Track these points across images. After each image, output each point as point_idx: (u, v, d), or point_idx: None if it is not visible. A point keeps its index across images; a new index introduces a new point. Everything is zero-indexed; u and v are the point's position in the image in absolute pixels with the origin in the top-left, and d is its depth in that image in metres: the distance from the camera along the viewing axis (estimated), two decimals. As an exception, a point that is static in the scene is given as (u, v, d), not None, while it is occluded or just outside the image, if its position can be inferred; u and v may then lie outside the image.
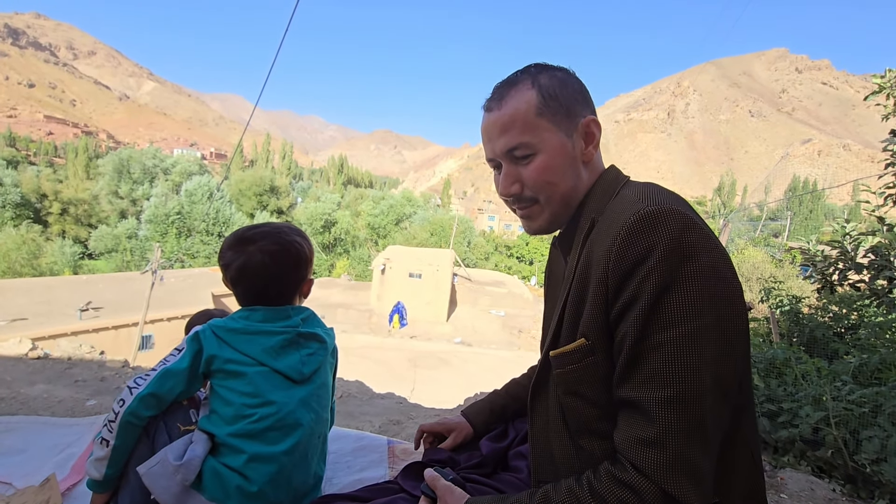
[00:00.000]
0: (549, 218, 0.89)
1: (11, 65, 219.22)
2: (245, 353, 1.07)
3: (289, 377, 1.10)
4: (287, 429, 1.08)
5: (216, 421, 1.07)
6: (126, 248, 36.91)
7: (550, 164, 0.85)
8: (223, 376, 1.07)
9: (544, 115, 0.84)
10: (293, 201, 51.74)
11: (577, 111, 0.86)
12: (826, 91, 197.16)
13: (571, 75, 0.89)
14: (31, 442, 1.53)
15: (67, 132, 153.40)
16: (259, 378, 1.07)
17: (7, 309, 15.37)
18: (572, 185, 0.87)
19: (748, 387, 0.77)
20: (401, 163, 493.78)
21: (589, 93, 0.90)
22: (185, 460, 1.00)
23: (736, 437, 0.75)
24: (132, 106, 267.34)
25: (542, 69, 0.88)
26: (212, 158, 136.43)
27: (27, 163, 71.03)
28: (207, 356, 1.06)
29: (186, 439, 1.05)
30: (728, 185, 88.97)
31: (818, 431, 2.41)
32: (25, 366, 4.26)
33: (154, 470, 1.00)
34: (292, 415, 1.09)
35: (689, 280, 0.66)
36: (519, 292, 29.44)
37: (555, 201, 0.87)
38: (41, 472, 1.31)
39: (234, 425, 1.04)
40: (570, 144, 0.86)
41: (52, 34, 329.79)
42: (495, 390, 1.35)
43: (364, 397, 4.53)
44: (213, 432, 1.06)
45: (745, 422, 0.77)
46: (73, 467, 1.36)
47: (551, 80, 0.86)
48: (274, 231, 1.17)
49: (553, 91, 0.85)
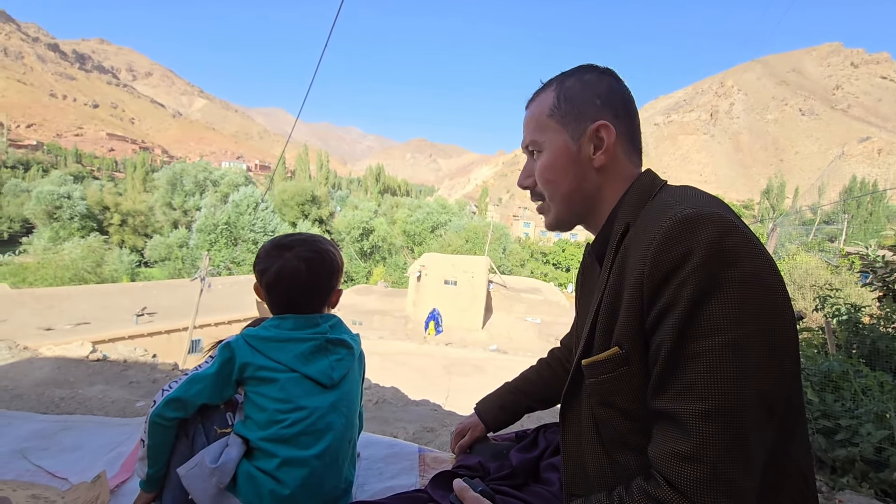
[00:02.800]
0: (554, 216, 0.91)
1: (79, 87, 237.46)
2: (277, 360, 1.10)
3: (319, 382, 1.12)
4: (318, 433, 1.10)
5: (250, 426, 1.10)
6: (178, 257, 38.93)
7: (552, 164, 0.87)
8: (256, 383, 1.10)
9: (554, 116, 0.87)
10: (332, 210, 53.11)
11: (589, 115, 0.84)
12: (886, 86, 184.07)
13: (604, 79, 0.87)
14: (86, 440, 1.63)
15: (127, 148, 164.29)
16: (290, 384, 1.09)
17: (72, 314, 16.50)
18: (575, 186, 0.87)
19: (798, 402, 0.71)
20: (436, 171, 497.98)
21: (622, 98, 0.87)
22: (220, 463, 1.03)
23: (784, 457, 0.70)
24: (184, 122, 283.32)
25: (576, 72, 0.89)
26: (256, 170, 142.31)
27: (91, 178, 76.61)
28: (241, 364, 1.10)
29: (222, 443, 1.09)
30: (777, 188, 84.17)
31: (881, 451, 2.24)
32: (86, 367, 4.56)
33: (192, 472, 1.04)
34: (323, 419, 1.11)
35: (730, 286, 0.63)
36: (555, 299, 28.95)
37: (556, 200, 0.89)
38: (94, 469, 1.40)
39: (268, 430, 1.07)
40: (575, 147, 0.85)
41: (113, 58, 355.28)
42: (506, 385, 1.34)
43: (399, 404, 4.56)
44: (248, 436, 1.09)
45: (795, 440, 0.71)
46: (123, 465, 1.43)
47: (575, 83, 0.87)
48: (310, 239, 1.22)
49: (569, 94, 0.86)
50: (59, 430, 1.66)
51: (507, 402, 1.29)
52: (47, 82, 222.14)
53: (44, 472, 1.40)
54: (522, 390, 1.30)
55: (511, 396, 1.30)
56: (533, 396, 1.30)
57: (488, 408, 1.31)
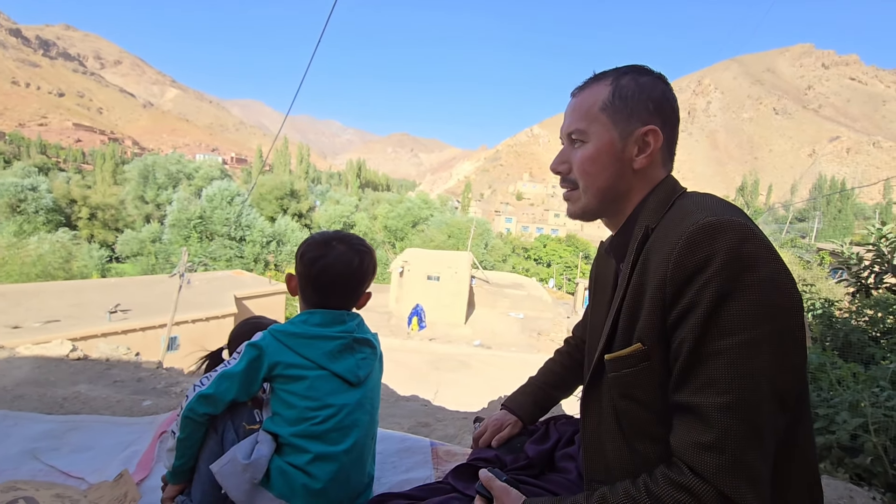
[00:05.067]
0: (583, 206, 0.94)
1: (42, 75, 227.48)
2: (306, 356, 1.12)
3: (346, 380, 1.15)
4: (346, 429, 1.14)
5: (279, 422, 1.12)
6: (151, 252, 37.85)
7: (594, 156, 0.89)
8: (285, 381, 1.12)
9: (606, 110, 0.89)
10: (312, 205, 52.38)
11: (640, 117, 0.87)
12: (855, 87, 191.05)
13: (658, 85, 0.90)
14: (97, 440, 1.62)
15: (95, 139, 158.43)
16: (319, 382, 1.12)
17: (41, 311, 15.90)
18: (611, 184, 0.90)
19: (805, 398, 0.78)
20: (417, 165, 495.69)
21: (672, 106, 0.90)
22: (253, 459, 1.06)
23: (793, 449, 0.76)
24: (156, 113, 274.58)
25: (631, 71, 0.91)
26: (232, 163, 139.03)
27: (57, 169, 73.54)
28: (271, 362, 1.11)
29: (252, 439, 1.11)
30: (751, 185, 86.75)
31: (856, 438, 2.37)
32: (67, 366, 4.44)
33: (225, 468, 1.06)
34: (350, 416, 1.15)
35: (749, 289, 0.68)
36: (537, 294, 29.26)
37: (590, 192, 0.91)
38: (110, 468, 1.39)
39: (298, 426, 1.10)
40: (620, 145, 0.88)
41: (80, 44, 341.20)
42: (533, 380, 1.38)
43: (390, 399, 4.57)
44: (278, 433, 1.11)
45: (802, 433, 0.77)
46: (139, 464, 1.43)
47: (631, 82, 0.89)
48: (356, 236, 1.25)
49: (625, 93, 0.88)
50: (67, 431, 1.64)
51: (540, 398, 1.34)
52: (9, 69, 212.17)
53: (58, 471, 1.38)
54: (551, 384, 1.35)
55: (542, 392, 1.34)
56: (560, 388, 1.36)
57: (522, 404, 1.34)
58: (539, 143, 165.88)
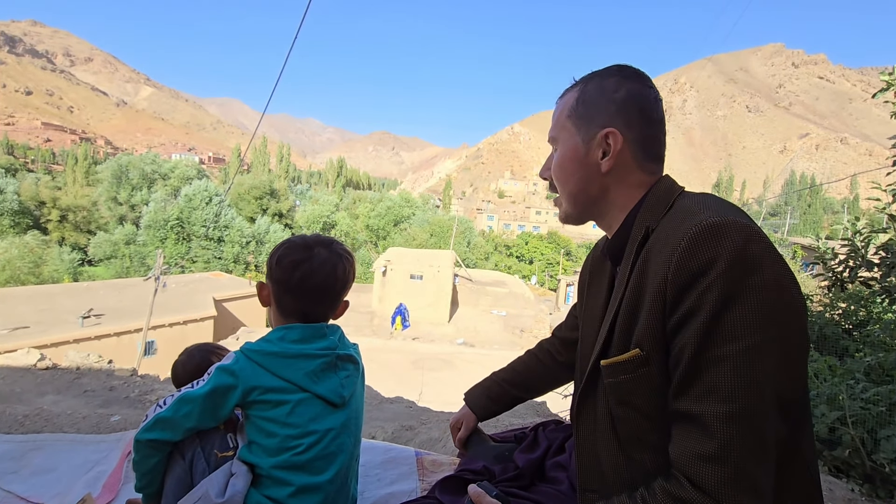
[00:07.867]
0: (564, 210, 0.95)
1: (8, 72, 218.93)
2: (286, 378, 1.02)
3: (330, 401, 1.06)
4: (330, 456, 1.05)
5: (258, 452, 1.02)
6: (125, 254, 36.83)
7: (561, 163, 0.91)
8: (263, 406, 1.01)
9: (571, 117, 0.90)
10: (292, 204, 51.68)
11: (600, 121, 0.85)
12: (823, 85, 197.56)
13: (624, 84, 0.86)
14: (60, 460, 1.51)
15: (65, 139, 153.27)
16: (301, 406, 1.02)
17: (9, 317, 15.32)
18: (581, 188, 0.89)
19: (806, 402, 0.75)
20: (399, 164, 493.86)
21: (639, 106, 0.86)
22: (228, 497, 0.96)
23: (794, 453, 0.73)
24: (130, 112, 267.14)
25: (598, 75, 0.89)
26: (210, 163, 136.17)
27: (25, 170, 70.93)
28: (246, 388, 1.00)
29: (226, 471, 1.02)
30: (726, 181, 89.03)
31: (834, 431, 2.41)
32: (34, 377, 4.25)
33: None
34: (335, 441, 1.06)
35: (754, 293, 0.64)
36: (520, 292, 29.45)
37: (564, 197, 0.93)
38: (72, 492, 1.30)
39: (279, 457, 1.00)
40: (584, 150, 0.87)
41: (48, 41, 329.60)
42: (494, 375, 1.37)
43: (374, 402, 4.50)
44: (256, 463, 1.02)
45: (803, 437, 0.75)
46: (105, 486, 1.34)
47: (594, 87, 0.88)
48: (337, 240, 1.16)
49: (586, 98, 0.88)
50: (27, 451, 1.53)
51: (494, 392, 1.32)
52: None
53: (15, 496, 1.29)
54: (509, 381, 1.33)
55: (498, 387, 1.32)
56: (520, 387, 1.33)
57: (476, 397, 1.34)
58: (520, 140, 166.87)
